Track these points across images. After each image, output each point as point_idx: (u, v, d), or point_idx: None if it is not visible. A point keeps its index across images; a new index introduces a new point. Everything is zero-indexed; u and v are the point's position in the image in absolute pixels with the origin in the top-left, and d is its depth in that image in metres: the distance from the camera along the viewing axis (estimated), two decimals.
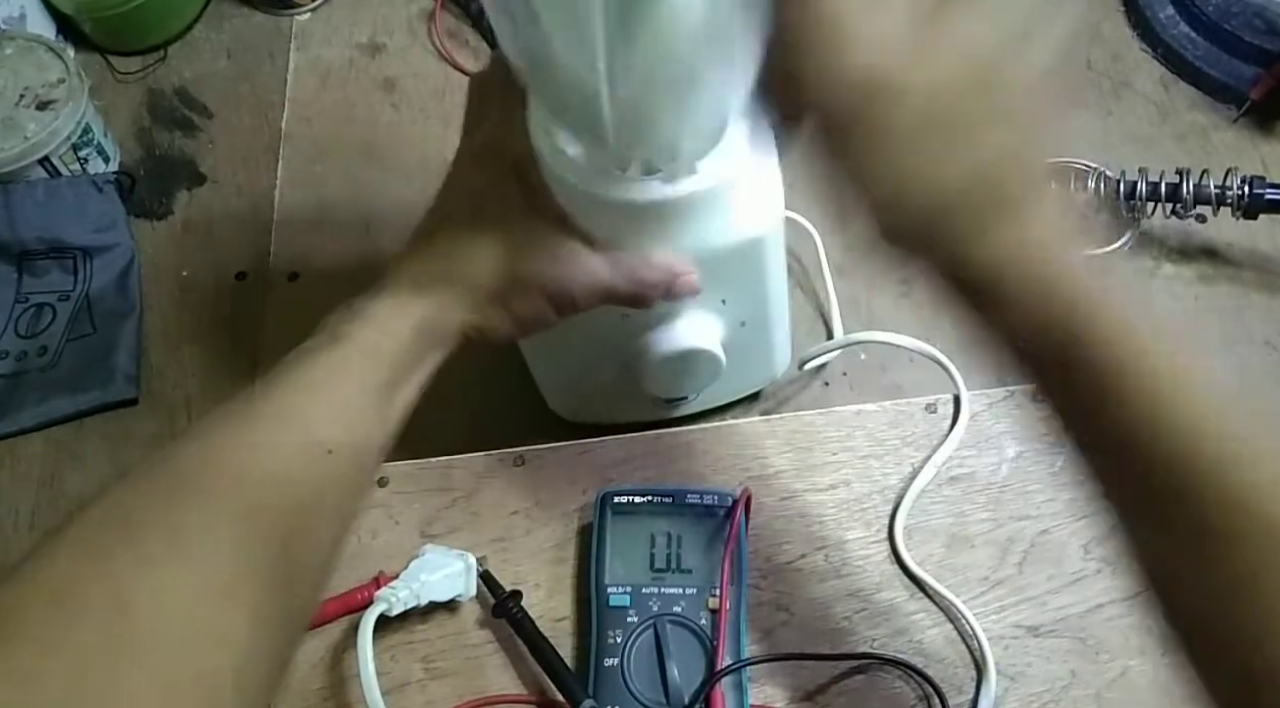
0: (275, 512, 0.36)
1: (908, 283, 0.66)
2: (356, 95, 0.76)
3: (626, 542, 0.51)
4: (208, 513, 0.34)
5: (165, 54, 0.78)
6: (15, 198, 0.65)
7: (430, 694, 0.50)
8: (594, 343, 0.52)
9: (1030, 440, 0.57)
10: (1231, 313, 0.65)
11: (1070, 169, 0.67)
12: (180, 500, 0.34)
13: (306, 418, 0.38)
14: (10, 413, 0.61)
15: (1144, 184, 0.64)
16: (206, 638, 0.32)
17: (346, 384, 0.40)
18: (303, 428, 0.38)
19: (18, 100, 0.66)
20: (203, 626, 0.32)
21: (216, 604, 0.33)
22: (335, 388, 0.39)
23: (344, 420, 0.39)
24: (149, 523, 0.33)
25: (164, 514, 0.34)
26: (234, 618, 0.33)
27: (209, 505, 0.35)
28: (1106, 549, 0.53)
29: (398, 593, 0.48)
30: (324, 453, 0.38)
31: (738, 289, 0.51)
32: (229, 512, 0.35)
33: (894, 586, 0.53)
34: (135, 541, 0.33)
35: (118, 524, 0.33)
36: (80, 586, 0.31)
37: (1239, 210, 0.62)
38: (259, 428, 0.38)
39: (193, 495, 0.35)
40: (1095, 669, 0.50)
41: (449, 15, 0.80)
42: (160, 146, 0.74)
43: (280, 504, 0.36)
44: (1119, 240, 0.65)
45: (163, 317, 0.66)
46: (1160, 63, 0.76)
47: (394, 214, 0.70)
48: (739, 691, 0.48)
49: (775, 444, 0.57)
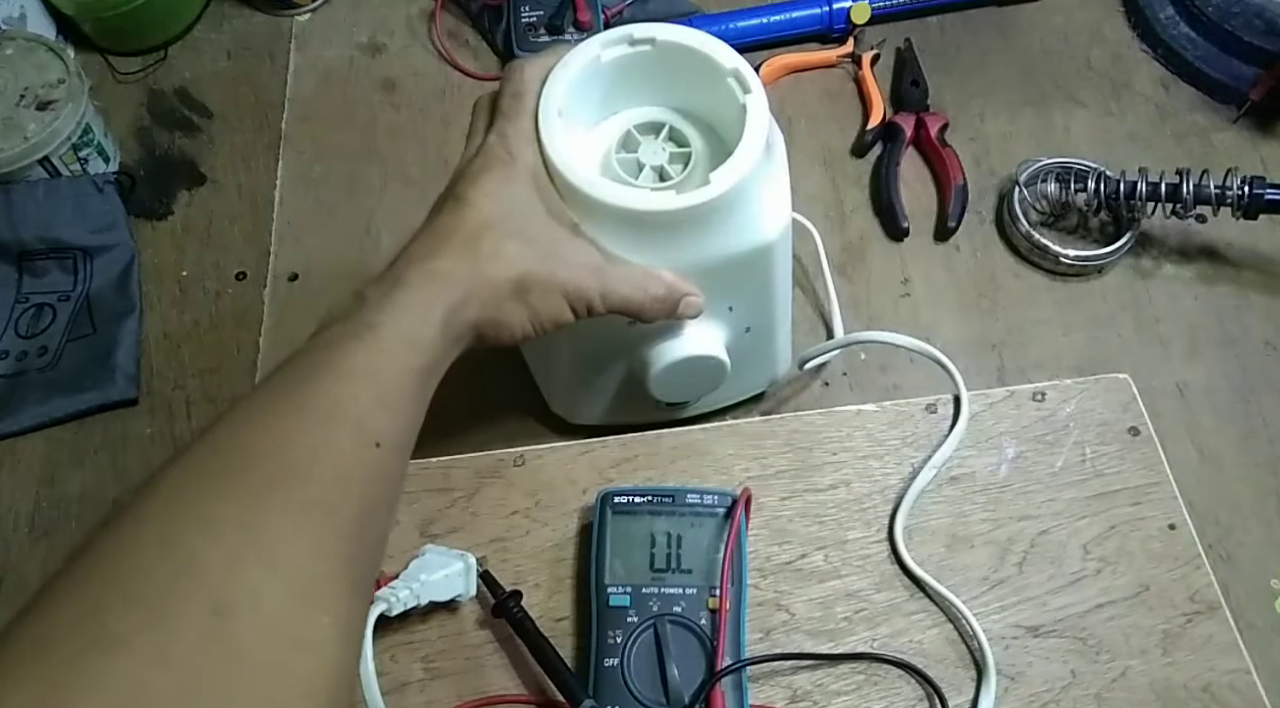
0: (340, 511, 0.35)
1: (908, 282, 0.67)
2: (356, 95, 0.76)
3: (626, 542, 0.51)
4: (280, 513, 0.33)
5: (165, 54, 0.78)
6: (15, 198, 0.65)
7: (430, 694, 0.50)
8: (598, 349, 0.52)
9: (1030, 440, 0.57)
10: (1231, 313, 0.65)
11: (1070, 169, 0.67)
12: (254, 498, 0.33)
13: (356, 408, 0.37)
14: (10, 413, 0.61)
15: (1144, 184, 0.64)
16: (300, 646, 0.31)
17: (389, 372, 0.39)
18: (352, 419, 0.37)
19: (18, 100, 0.66)
20: (296, 633, 0.31)
21: (305, 610, 0.32)
22: (379, 376, 0.39)
23: (389, 409, 0.38)
24: (226, 520, 0.32)
25: (240, 511, 0.33)
26: (323, 624, 0.32)
27: (281, 504, 0.33)
28: (1106, 549, 0.54)
29: (397, 593, 0.48)
30: (373, 446, 0.37)
31: (744, 296, 0.51)
32: (300, 510, 0.34)
33: (894, 586, 0.53)
34: (218, 539, 0.32)
35: (196, 521, 0.32)
36: (174, 588, 0.30)
37: (1239, 210, 0.62)
38: (309, 420, 0.36)
39: (264, 491, 0.34)
40: (1095, 669, 0.50)
41: (449, 15, 0.80)
42: (160, 146, 0.74)
43: (343, 503, 0.35)
44: (1119, 241, 0.65)
45: (163, 317, 0.66)
46: (1160, 63, 0.76)
47: (394, 214, 0.70)
48: (739, 691, 0.48)
49: (775, 444, 0.57)
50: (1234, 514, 0.57)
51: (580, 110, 0.49)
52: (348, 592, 0.34)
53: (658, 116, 0.51)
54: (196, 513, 0.32)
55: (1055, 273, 0.66)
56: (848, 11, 0.76)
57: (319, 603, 0.32)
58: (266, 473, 0.34)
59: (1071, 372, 0.62)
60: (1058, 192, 0.67)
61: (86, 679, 0.28)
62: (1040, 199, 0.67)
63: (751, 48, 0.76)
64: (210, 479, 0.34)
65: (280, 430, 0.36)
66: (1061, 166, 0.68)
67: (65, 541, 0.58)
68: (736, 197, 0.45)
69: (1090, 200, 0.66)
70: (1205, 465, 0.59)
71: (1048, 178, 0.67)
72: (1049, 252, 0.65)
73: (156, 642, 0.29)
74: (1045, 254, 0.66)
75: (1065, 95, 0.75)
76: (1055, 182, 0.67)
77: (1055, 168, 0.68)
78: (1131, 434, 0.57)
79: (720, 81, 0.47)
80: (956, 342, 0.64)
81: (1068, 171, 0.67)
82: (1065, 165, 0.68)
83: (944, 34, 0.78)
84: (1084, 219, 0.68)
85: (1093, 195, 0.65)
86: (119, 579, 0.30)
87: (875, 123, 0.72)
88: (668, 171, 0.49)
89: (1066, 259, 0.65)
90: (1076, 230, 0.68)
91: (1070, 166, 0.68)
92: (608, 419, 0.58)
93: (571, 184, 0.44)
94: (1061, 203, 0.67)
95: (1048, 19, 0.79)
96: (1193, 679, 0.50)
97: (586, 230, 0.45)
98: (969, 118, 0.73)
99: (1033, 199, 0.67)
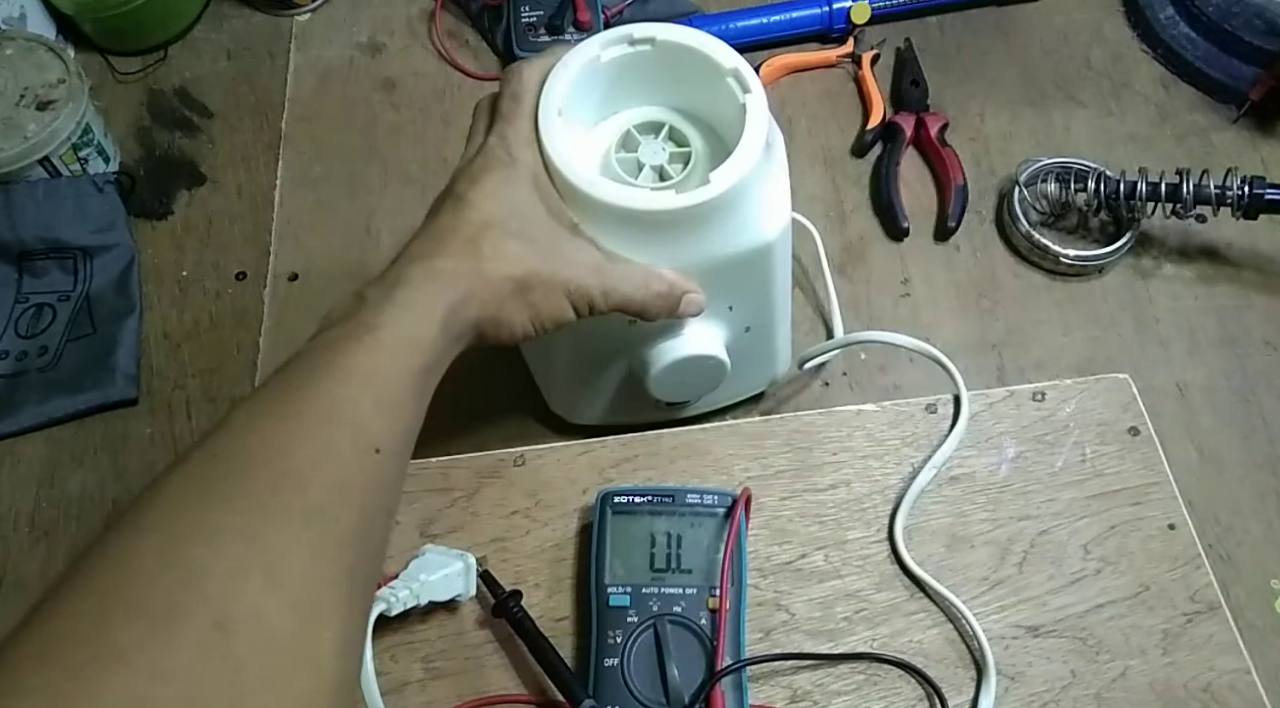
0: (341, 519, 0.35)
1: (908, 282, 0.67)
2: (356, 95, 0.76)
3: (626, 542, 0.51)
4: (281, 521, 0.33)
5: (165, 54, 0.78)
6: (15, 198, 0.65)
7: (430, 694, 0.50)
8: (598, 348, 0.52)
9: (1030, 440, 0.57)
10: (1231, 313, 0.65)
11: (1070, 169, 0.67)
12: (255, 505, 0.33)
13: (356, 412, 0.37)
14: (10, 413, 0.61)
15: (1144, 184, 0.64)
16: (301, 663, 0.31)
17: (390, 373, 0.39)
18: (352, 423, 0.37)
19: (18, 100, 0.66)
20: (296, 649, 0.31)
21: (306, 624, 0.32)
22: (378, 377, 0.38)
23: (389, 412, 0.38)
24: (227, 528, 0.32)
25: (241, 519, 0.33)
26: (323, 639, 0.32)
27: (281, 512, 0.33)
28: (1106, 549, 0.54)
29: (397, 593, 0.48)
30: (373, 452, 0.37)
31: (745, 295, 0.51)
32: (300, 518, 0.33)
33: (894, 586, 0.53)
34: (219, 549, 0.31)
35: (197, 529, 0.32)
36: (176, 600, 0.30)
37: (1239, 210, 0.62)
38: (308, 424, 0.36)
39: (264, 498, 0.33)
40: (1095, 669, 0.50)
41: (449, 15, 0.80)
42: (160, 146, 0.74)
43: (343, 511, 0.35)
44: (1119, 240, 0.65)
45: (163, 317, 0.66)
46: (1160, 63, 0.76)
47: (394, 214, 0.70)
48: (739, 691, 0.48)
49: (775, 444, 0.57)
50: (1234, 514, 0.57)
51: (580, 110, 0.49)
52: (347, 603, 0.34)
53: (658, 116, 0.51)
54: (197, 521, 0.32)
55: (1055, 273, 0.66)
56: (848, 11, 0.76)
57: (319, 617, 0.32)
58: (267, 480, 0.34)
59: (1071, 372, 0.62)
60: (1058, 192, 0.67)
61: (89, 691, 0.28)
62: (1040, 199, 0.67)
63: (751, 48, 0.76)
64: (211, 485, 0.34)
65: (280, 436, 0.36)
66: (1061, 167, 0.68)
67: (65, 540, 0.58)
68: (736, 196, 0.45)
69: (1090, 200, 0.66)
70: (1205, 465, 0.59)
71: (1048, 178, 0.67)
72: (1049, 252, 0.65)
73: (158, 656, 0.28)
74: (1045, 254, 0.66)
75: (1065, 95, 0.75)
76: (1055, 182, 0.67)
77: (1055, 168, 0.68)
78: (1131, 434, 0.57)
79: (720, 81, 0.47)
80: (956, 342, 0.64)
81: (1068, 172, 0.67)
82: (1065, 165, 0.68)
83: (944, 34, 0.78)
84: (1084, 219, 0.68)
85: (1093, 195, 0.65)
86: (121, 590, 0.30)
87: (875, 123, 0.72)
88: (667, 171, 0.49)
89: (1066, 259, 0.65)
90: (1076, 230, 0.68)
91: (1070, 167, 0.68)
92: (607, 419, 0.58)
93: (571, 183, 0.44)
94: (1061, 203, 0.67)
95: (1048, 19, 0.79)
96: (1193, 679, 0.50)
97: (586, 230, 0.45)
98: (969, 118, 0.73)
99: (1033, 199, 0.67)
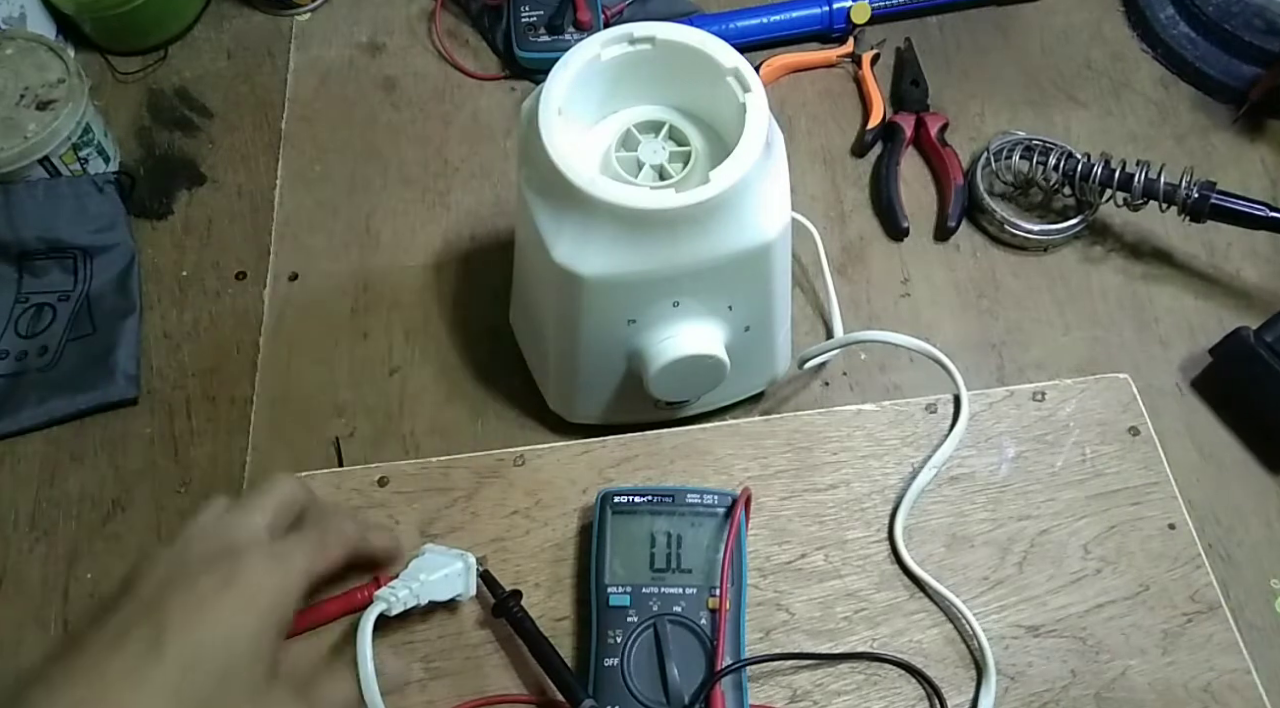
0: None
1: (908, 282, 0.67)
2: (356, 95, 0.76)
3: (626, 542, 0.51)
4: None
5: (165, 54, 0.78)
6: (15, 198, 0.65)
7: (430, 694, 0.50)
8: (598, 348, 0.52)
9: (1030, 440, 0.57)
10: (1231, 313, 0.65)
11: (1035, 145, 0.68)
12: None
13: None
14: (10, 413, 0.61)
15: (1101, 168, 0.65)
16: None
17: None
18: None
19: (18, 100, 0.66)
20: None
21: None
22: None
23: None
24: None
25: None
26: None
27: None
28: (1106, 549, 0.54)
29: (397, 593, 0.48)
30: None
31: (744, 295, 0.51)
32: None
33: (894, 586, 0.53)
34: None
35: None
36: None
37: (1184, 211, 0.63)
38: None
39: None
40: (1095, 669, 0.50)
41: (449, 15, 0.80)
42: (160, 146, 0.74)
43: None
44: (1072, 220, 0.66)
45: (163, 316, 0.66)
46: (1160, 63, 0.76)
47: (394, 214, 0.70)
48: (739, 691, 0.48)
49: (775, 444, 0.57)
50: (1234, 514, 0.57)
51: (580, 109, 0.49)
52: None
53: (658, 115, 0.51)
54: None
55: (999, 241, 0.68)
56: (848, 11, 0.76)
57: None
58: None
59: (1071, 371, 0.62)
60: (1023, 166, 0.68)
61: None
62: (1006, 171, 0.68)
63: (751, 48, 0.76)
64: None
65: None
66: (1032, 142, 0.68)
67: (65, 540, 0.58)
68: (736, 195, 0.45)
69: (1048, 175, 0.66)
70: (1205, 465, 0.59)
71: (1015, 151, 0.68)
72: (995, 217, 0.67)
73: None
74: (992, 219, 0.67)
75: (1065, 95, 0.75)
76: (1021, 155, 0.68)
77: (1026, 142, 0.69)
78: (1131, 434, 0.57)
79: (720, 81, 0.47)
80: (956, 341, 0.64)
81: (1035, 147, 0.68)
82: (1036, 142, 0.68)
83: (944, 34, 0.78)
84: (1048, 198, 0.69)
85: (1051, 170, 0.66)
86: None
87: (875, 123, 0.72)
88: (667, 170, 0.49)
89: (1010, 227, 0.67)
90: (1037, 208, 0.69)
91: (1039, 143, 0.68)
92: (607, 418, 0.58)
93: (571, 183, 0.44)
94: (1026, 178, 0.68)
95: (1048, 19, 0.79)
96: (1193, 679, 0.50)
97: (587, 229, 0.44)
98: (969, 118, 0.73)
99: (999, 170, 0.68)
